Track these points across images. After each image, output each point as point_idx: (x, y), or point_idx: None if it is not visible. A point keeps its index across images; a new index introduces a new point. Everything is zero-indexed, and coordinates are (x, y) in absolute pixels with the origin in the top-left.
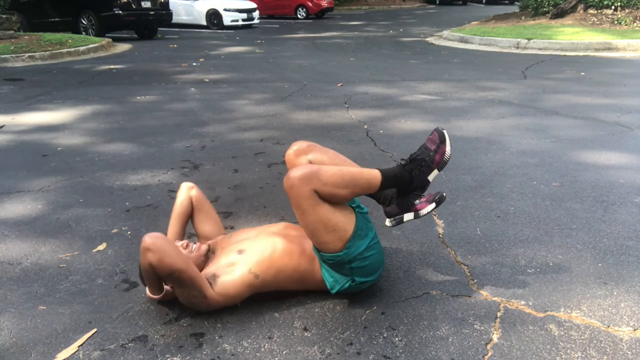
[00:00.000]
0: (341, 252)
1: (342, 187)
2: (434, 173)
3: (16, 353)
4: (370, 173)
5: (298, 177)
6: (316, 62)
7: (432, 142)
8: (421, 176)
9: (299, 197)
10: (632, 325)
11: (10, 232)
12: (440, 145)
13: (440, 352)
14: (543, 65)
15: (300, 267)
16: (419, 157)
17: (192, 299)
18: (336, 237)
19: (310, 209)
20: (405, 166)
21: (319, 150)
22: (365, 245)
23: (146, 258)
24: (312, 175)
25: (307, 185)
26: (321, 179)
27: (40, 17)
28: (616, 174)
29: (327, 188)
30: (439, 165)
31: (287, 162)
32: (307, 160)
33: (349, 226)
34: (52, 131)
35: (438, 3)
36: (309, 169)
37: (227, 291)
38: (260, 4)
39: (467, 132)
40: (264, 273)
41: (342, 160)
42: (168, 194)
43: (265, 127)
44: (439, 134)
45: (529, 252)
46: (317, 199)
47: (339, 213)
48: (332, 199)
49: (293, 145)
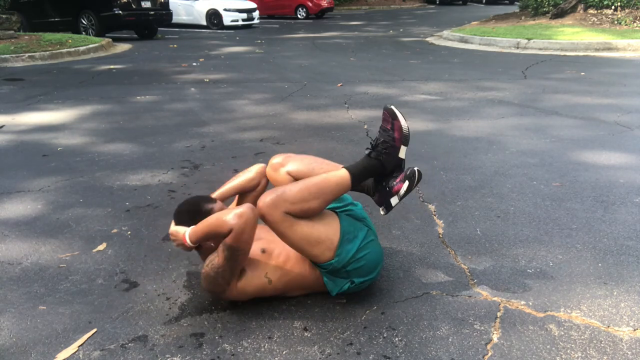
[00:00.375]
0: (333, 260)
1: (311, 199)
2: (402, 150)
3: (16, 353)
4: (336, 176)
5: (266, 206)
6: (316, 62)
7: (385, 121)
8: (391, 158)
9: (273, 224)
10: (632, 325)
11: (10, 232)
12: (394, 121)
13: (440, 352)
14: (543, 65)
15: (307, 278)
16: (380, 141)
17: (220, 277)
18: (324, 248)
19: (289, 231)
20: (370, 154)
21: (295, 159)
22: (355, 247)
23: (234, 221)
24: (277, 199)
25: (276, 210)
26: (288, 199)
27: (40, 17)
28: (616, 174)
29: (296, 206)
30: (401, 140)
31: (268, 177)
32: (285, 172)
33: (333, 234)
34: (52, 131)
35: (438, 3)
36: (274, 194)
37: (246, 288)
38: (260, 4)
39: (467, 132)
40: (277, 281)
41: (318, 165)
42: (168, 194)
43: (265, 127)
44: (388, 111)
45: (529, 252)
46: (292, 219)
47: (319, 225)
48: (307, 214)
49: (270, 160)
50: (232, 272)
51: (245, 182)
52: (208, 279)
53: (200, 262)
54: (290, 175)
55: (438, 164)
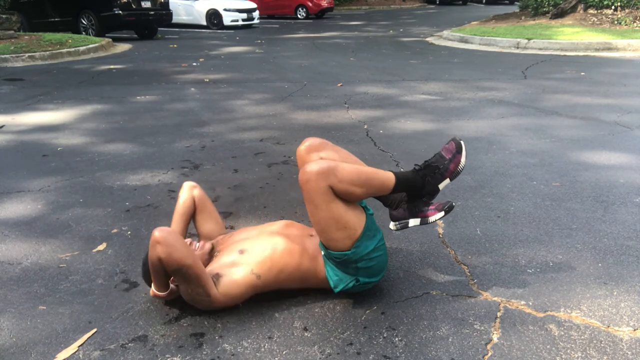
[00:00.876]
0: (349, 251)
1: (358, 185)
2: (445, 182)
3: (16, 353)
4: (385, 175)
5: (315, 172)
6: (316, 62)
7: (448, 151)
8: (433, 183)
9: (314, 192)
10: (632, 325)
11: (10, 232)
12: (456, 155)
13: (440, 352)
14: (543, 65)
15: (302, 266)
16: (433, 164)
17: (196, 296)
18: (346, 235)
19: (324, 205)
20: (419, 172)
21: (331, 148)
22: (373, 245)
23: (155, 251)
24: (329, 171)
25: (323, 181)
26: (338, 176)
27: (40, 17)
28: (616, 174)
29: (342, 185)
30: (452, 174)
31: (297, 157)
32: (318, 157)
33: (359, 225)
34: (52, 131)
35: (438, 3)
36: (327, 164)
37: (230, 291)
38: (260, 4)
39: (467, 132)
40: (265, 274)
41: (353, 160)
42: (168, 194)
43: (265, 127)
44: (457, 144)
45: (529, 252)
46: (332, 195)
47: (351, 212)
48: (347, 196)
49: (305, 141)
50: (200, 285)
51: (184, 208)
52: (193, 302)
53: None
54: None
55: None
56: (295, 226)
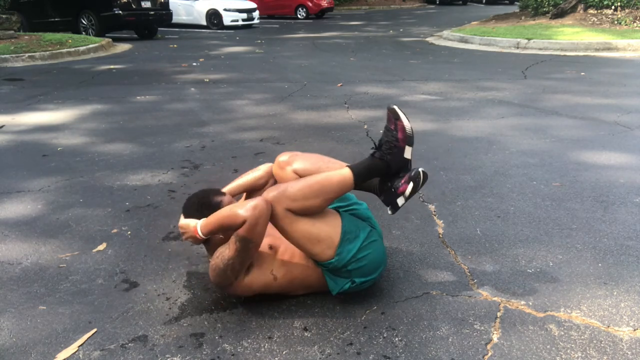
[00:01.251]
0: (333, 260)
1: (313, 197)
2: (407, 150)
3: (16, 353)
4: (339, 175)
5: (267, 202)
6: (316, 62)
7: (389, 121)
8: (396, 158)
9: (275, 219)
10: (632, 325)
11: (10, 232)
12: (397, 121)
13: (440, 352)
14: (543, 65)
15: (310, 276)
16: (384, 141)
17: (229, 270)
18: (324, 246)
19: (289, 228)
20: (374, 154)
21: (301, 157)
22: (356, 247)
23: (247, 213)
24: (279, 195)
25: (278, 206)
26: (289, 197)
27: (40, 17)
28: (616, 174)
29: (297, 204)
30: (405, 141)
31: (275, 175)
32: (291, 170)
33: (334, 233)
34: (52, 131)
35: (438, 3)
36: (276, 190)
37: (253, 283)
38: (260, 4)
39: (467, 132)
40: (282, 277)
41: (325, 164)
42: (168, 194)
43: (265, 127)
44: (391, 111)
45: (529, 252)
46: (293, 216)
47: (320, 223)
48: (308, 211)
49: (277, 158)
50: (242, 264)
51: (253, 180)
52: (217, 270)
53: (200, 263)
54: (296, 174)
55: (438, 164)
56: None
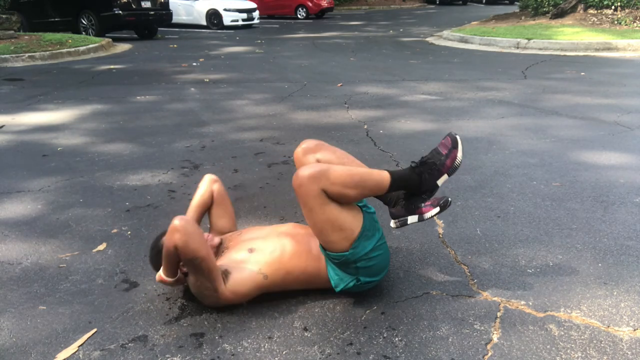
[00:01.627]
0: (347, 252)
1: (351, 187)
2: (443, 178)
3: (16, 353)
4: (379, 174)
5: (307, 176)
6: (316, 62)
7: (444, 146)
8: (430, 180)
9: (307, 196)
10: (632, 325)
11: (10, 232)
12: (452, 150)
13: (440, 352)
14: (543, 65)
15: (308, 268)
16: (429, 161)
17: (204, 290)
18: (343, 236)
19: (318, 208)
20: (415, 169)
21: (327, 149)
22: (371, 245)
23: (173, 238)
24: (320, 174)
25: (315, 184)
26: (330, 179)
27: (40, 17)
28: (616, 174)
29: (335, 188)
30: (449, 170)
31: (295, 159)
32: (315, 159)
33: (356, 226)
34: (52, 131)
35: (438, 3)
36: (318, 167)
37: (238, 289)
38: (260, 4)
39: (467, 132)
40: (273, 274)
41: (350, 161)
42: (168, 194)
43: (265, 127)
44: (452, 139)
45: (529, 252)
46: (325, 198)
47: (346, 213)
48: (341, 198)
49: (302, 143)
50: (210, 279)
51: (200, 199)
52: (199, 295)
53: None
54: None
55: None
56: (302, 227)
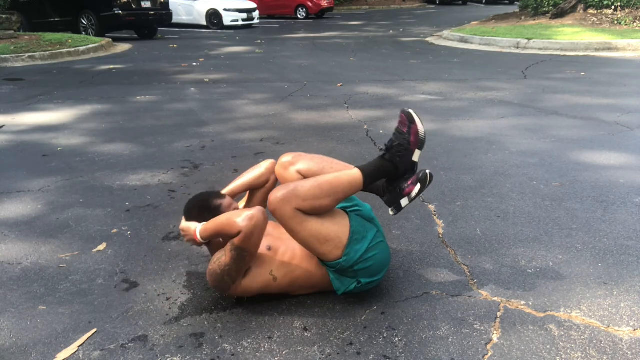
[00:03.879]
0: (341, 260)
1: (323, 197)
2: (416, 153)
3: (16, 353)
4: (348, 175)
5: (277, 200)
6: (316, 62)
7: (402, 124)
8: (404, 160)
9: (283, 219)
10: (632, 325)
11: (10, 232)
12: (411, 125)
13: (440, 352)
14: (543, 65)
15: (313, 276)
16: (395, 143)
17: (225, 275)
18: (332, 246)
19: (298, 227)
20: (384, 156)
21: (305, 158)
22: (364, 248)
23: (246, 222)
24: (289, 195)
25: (288, 206)
26: (300, 196)
27: (40, 17)
28: (616, 174)
29: (307, 203)
30: (417, 145)
31: (277, 176)
32: (295, 170)
33: (342, 233)
34: (52, 131)
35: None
36: (285, 189)
37: (251, 285)
38: (260, 4)
39: (467, 132)
40: (282, 278)
41: (329, 164)
42: (168, 194)
43: (265, 127)
44: (406, 114)
45: (529, 252)
46: (302, 215)
47: (329, 223)
48: (317, 211)
49: (280, 158)
50: (238, 271)
51: (254, 178)
52: (214, 275)
53: (200, 263)
54: (300, 174)
55: (438, 164)
56: None
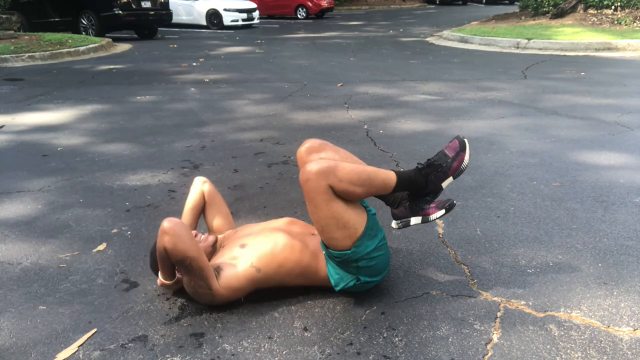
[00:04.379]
0: (349, 251)
1: (358, 185)
2: (448, 180)
3: (16, 353)
4: (386, 174)
5: (315, 172)
6: (316, 62)
7: (451, 149)
8: (436, 182)
9: (313, 191)
10: (632, 325)
11: (10, 232)
12: (460, 153)
13: (440, 352)
14: (543, 65)
15: (302, 262)
16: (436, 163)
17: (198, 289)
18: (346, 234)
19: (324, 204)
20: (421, 170)
21: (331, 149)
22: (374, 245)
23: (162, 241)
24: (329, 170)
25: (323, 180)
26: (338, 175)
27: (40, 17)
28: (616, 174)
29: (342, 185)
30: (455, 172)
31: (298, 159)
32: (318, 158)
33: (360, 225)
34: (52, 131)
35: (438, 3)
36: (327, 164)
37: (231, 284)
38: (260, 4)
39: (467, 132)
40: (265, 267)
41: (353, 161)
42: (168, 194)
43: (265, 127)
44: (460, 142)
45: (529, 252)
46: (332, 194)
47: (351, 211)
48: (347, 196)
49: (305, 142)
50: (202, 278)
51: (195, 202)
52: (194, 295)
53: None
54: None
55: None
56: (297, 224)
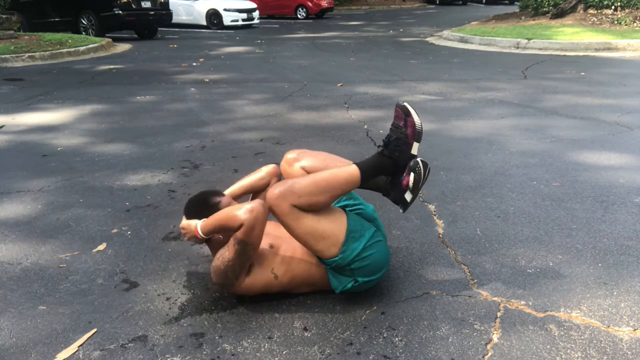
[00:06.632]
0: (337, 257)
1: (319, 194)
2: (415, 146)
3: (16, 353)
4: (345, 172)
5: (274, 197)
6: (316, 62)
7: (398, 118)
8: (403, 154)
9: (280, 215)
10: (632, 325)
11: (10, 232)
12: (407, 118)
13: (440, 352)
14: (543, 65)
15: (312, 273)
16: (392, 138)
17: (229, 271)
18: (328, 243)
19: (294, 224)
20: (382, 152)
21: (309, 154)
22: (361, 246)
23: (244, 216)
24: (285, 191)
25: (283, 202)
26: (295, 192)
27: (40, 17)
28: (616, 174)
29: (303, 199)
30: (414, 137)
31: (282, 172)
32: (299, 167)
33: (339, 231)
34: (52, 131)
35: (438, 3)
36: (283, 185)
37: (254, 283)
38: (260, 4)
39: (467, 132)
40: (282, 275)
41: (333, 161)
42: (168, 194)
43: (265, 127)
44: (401, 108)
45: (529, 252)
46: (298, 212)
47: (325, 220)
48: (313, 207)
49: (285, 155)
50: (242, 266)
51: (255, 181)
52: (218, 272)
53: (200, 263)
54: (304, 171)
55: (438, 164)
56: None
